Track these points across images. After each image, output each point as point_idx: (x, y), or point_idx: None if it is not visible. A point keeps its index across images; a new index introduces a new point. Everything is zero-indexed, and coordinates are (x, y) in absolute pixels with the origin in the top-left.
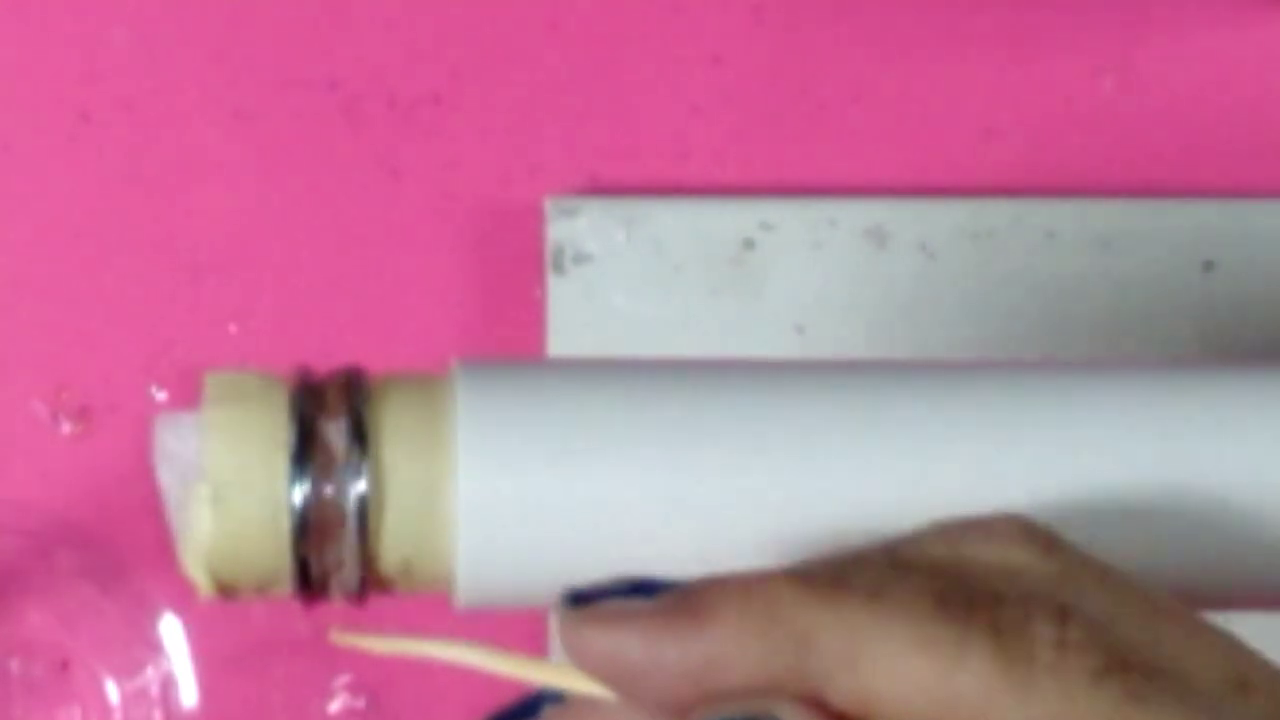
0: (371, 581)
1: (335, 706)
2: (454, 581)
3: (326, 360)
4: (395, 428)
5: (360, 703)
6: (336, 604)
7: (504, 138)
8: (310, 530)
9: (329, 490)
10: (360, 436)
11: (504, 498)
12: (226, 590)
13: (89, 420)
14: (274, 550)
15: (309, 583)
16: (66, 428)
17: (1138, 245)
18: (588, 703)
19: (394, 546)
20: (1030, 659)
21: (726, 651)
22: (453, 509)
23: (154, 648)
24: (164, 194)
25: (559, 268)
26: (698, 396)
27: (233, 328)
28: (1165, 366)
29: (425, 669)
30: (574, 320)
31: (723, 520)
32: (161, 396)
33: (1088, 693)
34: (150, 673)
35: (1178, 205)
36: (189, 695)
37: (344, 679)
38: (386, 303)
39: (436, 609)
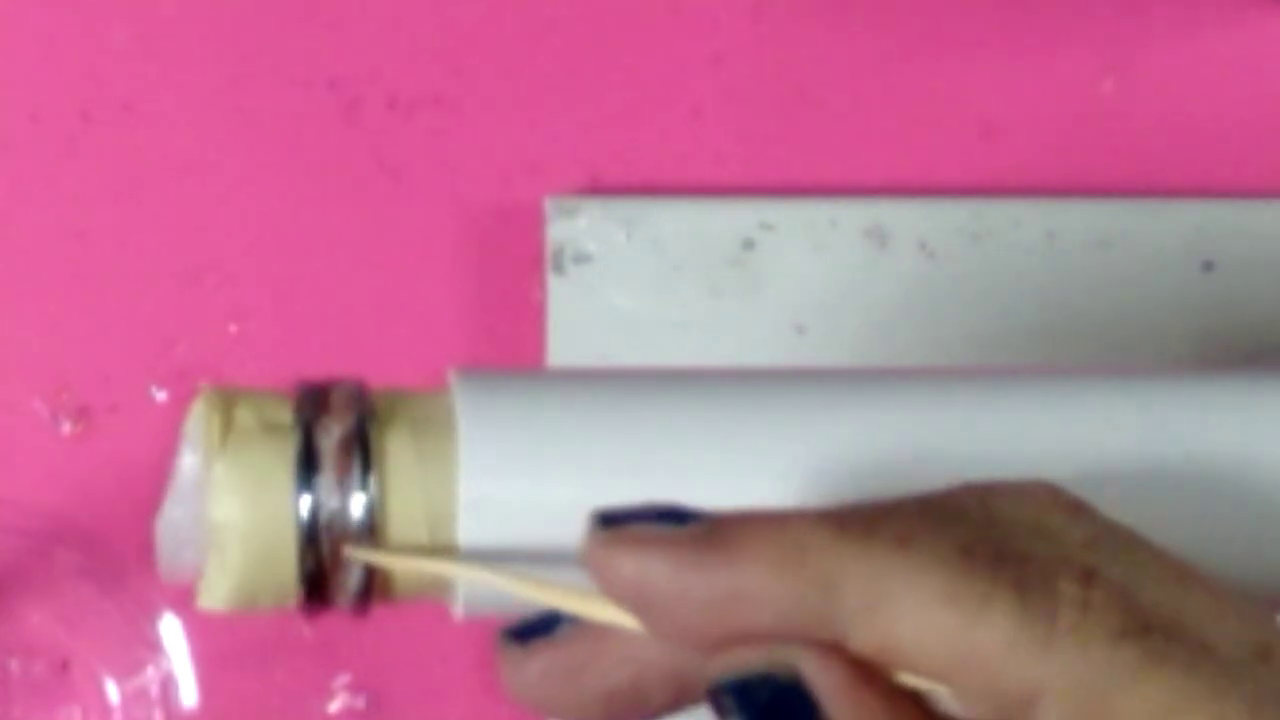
0: (375, 591)
1: (335, 706)
2: (455, 591)
3: (326, 360)
4: (398, 439)
5: (360, 703)
6: (340, 613)
7: (504, 138)
8: (316, 541)
9: (333, 502)
10: (363, 449)
11: (504, 507)
12: (234, 602)
13: (89, 420)
14: (281, 561)
15: (314, 594)
16: (66, 428)
17: (1138, 245)
18: (607, 628)
19: (400, 550)
20: (1052, 617)
21: (752, 587)
22: (454, 518)
23: (154, 648)
24: (164, 194)
25: (559, 268)
26: (696, 404)
27: (233, 328)
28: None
29: (425, 669)
30: (574, 320)
31: None
32: (161, 396)
33: (1107, 653)
34: (150, 673)
35: (1178, 205)
36: (189, 695)
37: (344, 679)
38: (386, 303)
39: (435, 613)
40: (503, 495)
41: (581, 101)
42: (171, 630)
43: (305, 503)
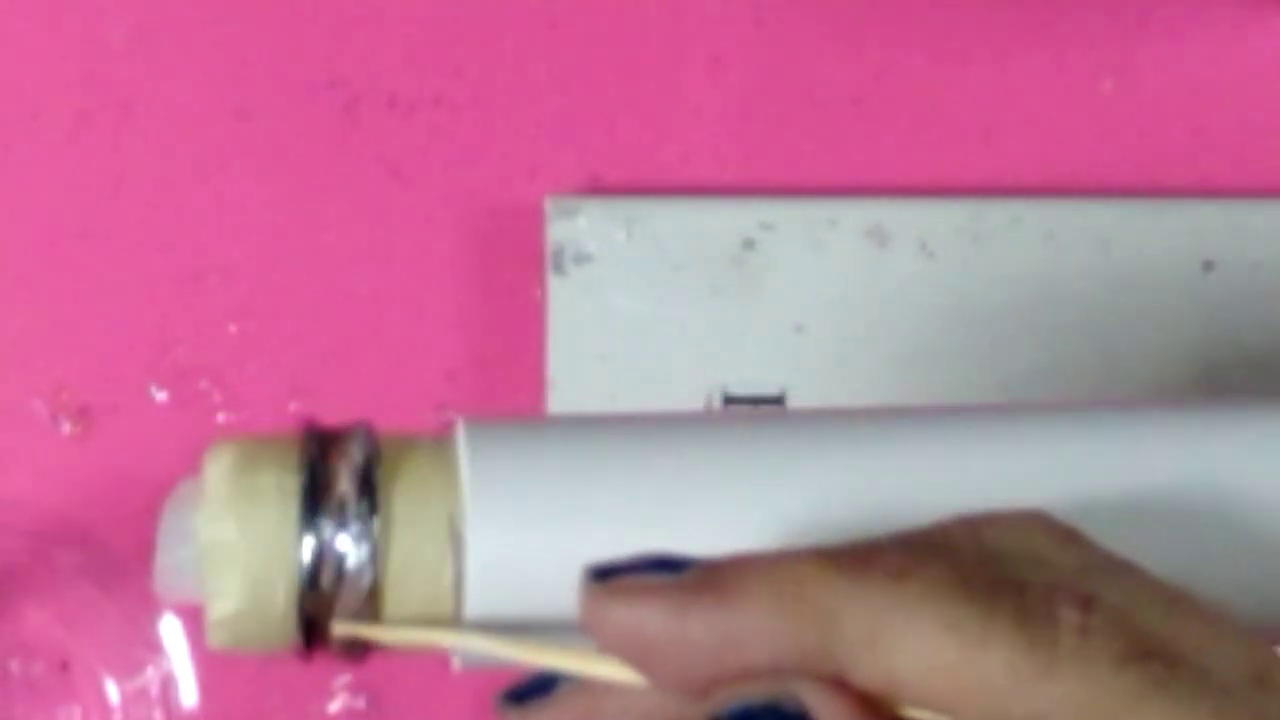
0: (375, 641)
1: (335, 706)
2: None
3: (326, 360)
4: (403, 489)
5: (360, 703)
6: (337, 659)
7: (504, 138)
8: (317, 589)
9: (336, 549)
10: (369, 497)
11: (510, 557)
12: (234, 645)
13: (89, 420)
14: (280, 608)
15: (314, 641)
16: (66, 428)
17: (1138, 245)
18: (605, 684)
19: (398, 606)
20: (1054, 644)
21: (751, 628)
22: (460, 569)
23: (154, 648)
24: (164, 194)
25: (559, 268)
26: (699, 452)
27: (233, 328)
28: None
29: (425, 669)
30: (574, 320)
31: None
32: (161, 396)
33: (1110, 678)
34: (150, 673)
35: (1178, 205)
36: (189, 695)
37: (344, 679)
38: (386, 303)
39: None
40: (508, 547)
41: (581, 101)
42: (171, 630)
43: (306, 550)
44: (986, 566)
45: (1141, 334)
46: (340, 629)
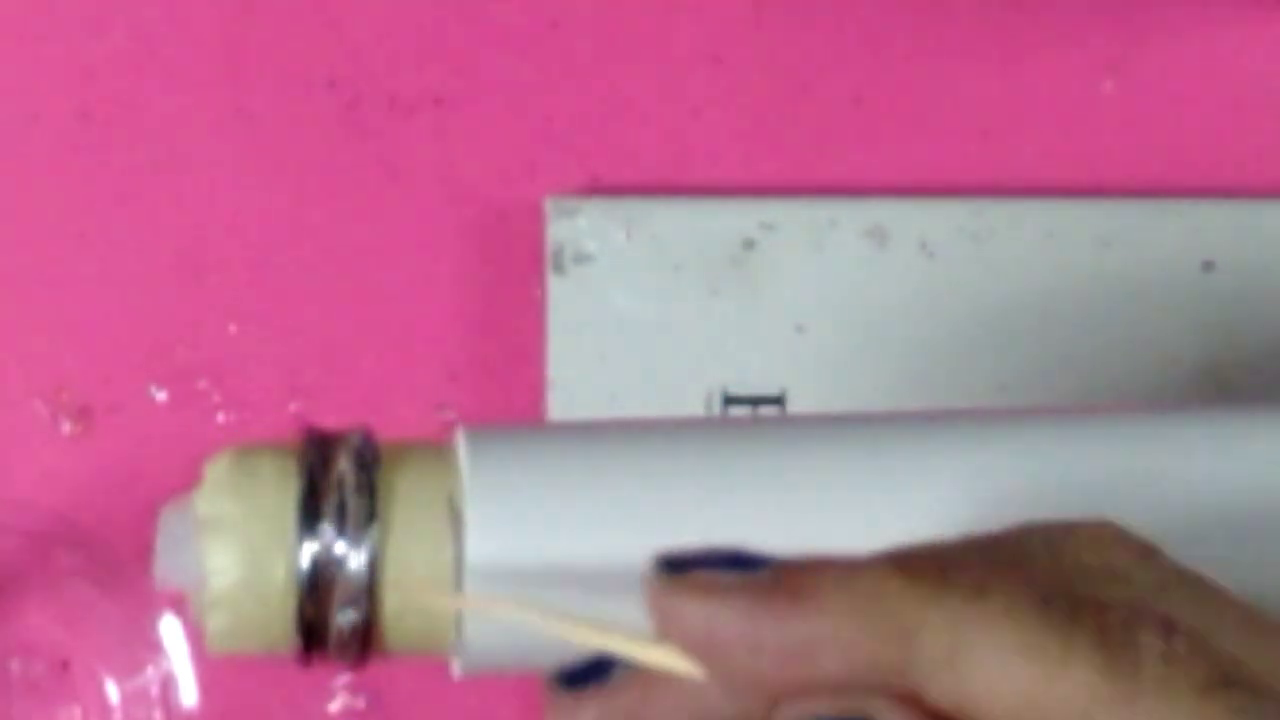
0: (373, 646)
1: (335, 706)
2: (452, 650)
3: (326, 361)
4: (402, 494)
5: (360, 703)
6: (337, 666)
7: (504, 138)
8: (316, 593)
9: (335, 554)
10: (368, 502)
11: (509, 563)
12: (233, 650)
13: (89, 420)
14: (279, 612)
15: (313, 645)
16: (66, 428)
17: (1138, 245)
18: (661, 674)
19: (398, 610)
20: (1136, 670)
21: (826, 636)
22: (459, 575)
23: (154, 648)
24: (164, 194)
25: (559, 268)
26: (700, 458)
27: (233, 328)
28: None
29: (425, 669)
30: (574, 320)
31: None
32: (161, 396)
33: (1193, 707)
34: (150, 673)
35: (1178, 205)
36: (189, 695)
37: (344, 679)
38: (386, 303)
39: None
40: (508, 553)
41: (581, 101)
42: (171, 630)
43: (305, 554)
44: (1066, 583)
45: (1141, 334)
46: (450, 601)
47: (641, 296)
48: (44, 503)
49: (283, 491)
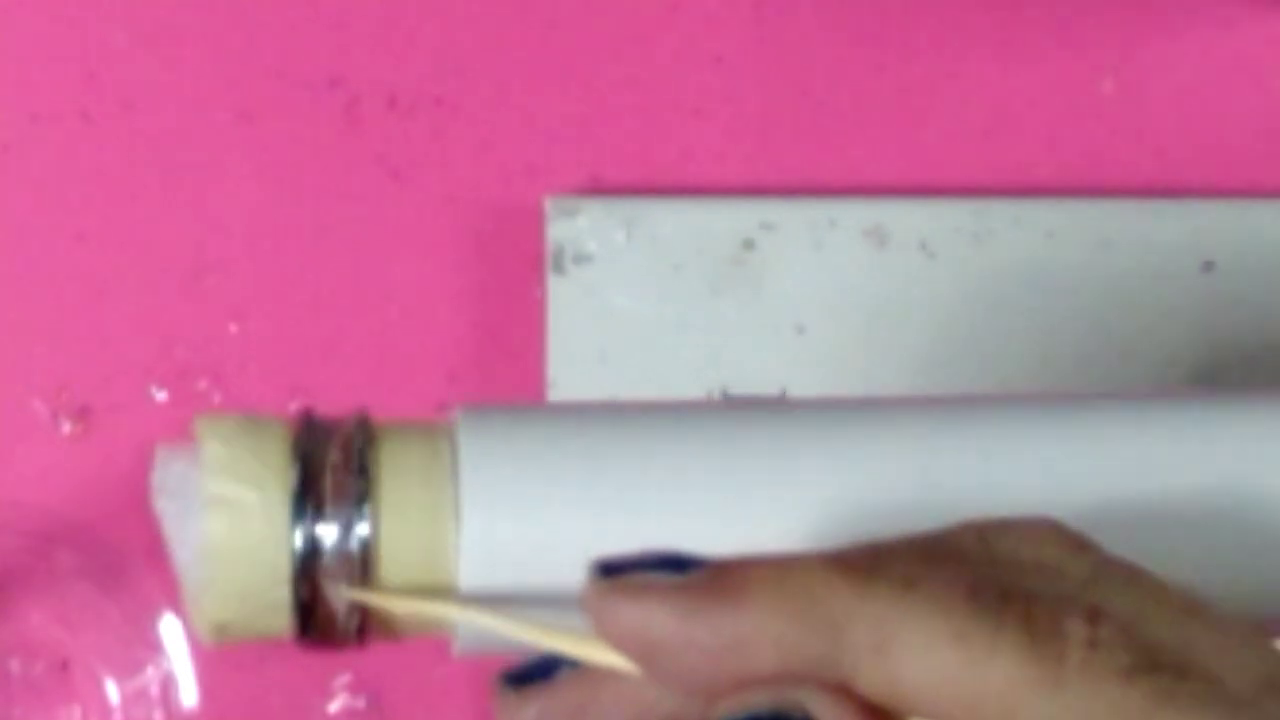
0: (372, 626)
1: (335, 706)
2: (454, 627)
3: (326, 361)
4: (398, 474)
5: (360, 703)
6: (334, 648)
7: (504, 138)
8: (312, 573)
9: (331, 533)
10: (363, 481)
11: (505, 544)
12: (227, 633)
13: (89, 420)
14: (275, 593)
15: (309, 626)
16: (66, 428)
17: (1138, 245)
18: (604, 672)
19: (393, 588)
20: (1061, 657)
21: (758, 633)
22: (453, 556)
23: (154, 648)
24: (164, 194)
25: (559, 268)
26: (696, 440)
27: (233, 328)
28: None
29: (425, 669)
30: (574, 320)
31: None
32: (161, 396)
33: (1118, 692)
34: (150, 673)
35: (1178, 205)
36: (189, 695)
37: (344, 679)
38: (386, 303)
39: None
40: (503, 534)
41: (581, 101)
42: (171, 630)
43: (301, 534)
44: (996, 576)
45: (1141, 334)
46: (344, 594)
47: (641, 296)
48: (44, 503)
49: (279, 471)
